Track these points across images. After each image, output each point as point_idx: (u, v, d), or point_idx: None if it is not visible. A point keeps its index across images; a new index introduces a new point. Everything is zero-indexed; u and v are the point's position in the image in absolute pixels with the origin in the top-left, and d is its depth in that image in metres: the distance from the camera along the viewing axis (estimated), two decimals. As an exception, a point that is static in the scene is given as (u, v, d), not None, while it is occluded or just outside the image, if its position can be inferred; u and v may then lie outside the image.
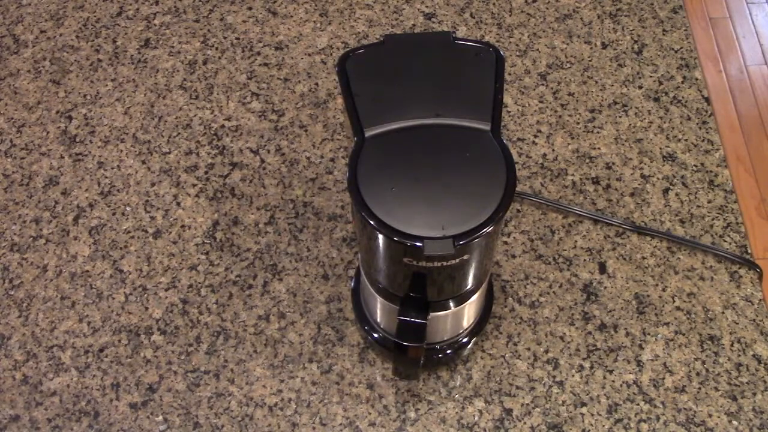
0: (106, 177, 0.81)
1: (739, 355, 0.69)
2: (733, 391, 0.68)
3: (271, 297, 0.73)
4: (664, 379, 0.68)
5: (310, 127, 0.84)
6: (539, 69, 0.88)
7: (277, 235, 0.77)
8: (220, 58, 0.90)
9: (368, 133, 0.52)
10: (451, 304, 0.62)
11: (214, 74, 0.89)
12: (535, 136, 0.83)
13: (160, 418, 0.67)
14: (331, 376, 0.69)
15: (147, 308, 0.73)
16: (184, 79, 0.88)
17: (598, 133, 0.83)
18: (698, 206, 0.78)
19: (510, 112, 0.85)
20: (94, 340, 0.71)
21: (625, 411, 0.67)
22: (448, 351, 0.68)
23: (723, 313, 0.72)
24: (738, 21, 2.20)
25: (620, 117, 0.84)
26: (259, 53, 0.91)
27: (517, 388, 0.68)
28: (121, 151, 0.83)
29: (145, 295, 0.74)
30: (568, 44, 0.90)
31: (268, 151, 0.82)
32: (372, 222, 0.50)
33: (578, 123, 0.84)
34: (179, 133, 0.84)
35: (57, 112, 0.87)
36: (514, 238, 0.76)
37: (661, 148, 0.82)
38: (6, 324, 0.72)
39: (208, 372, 0.69)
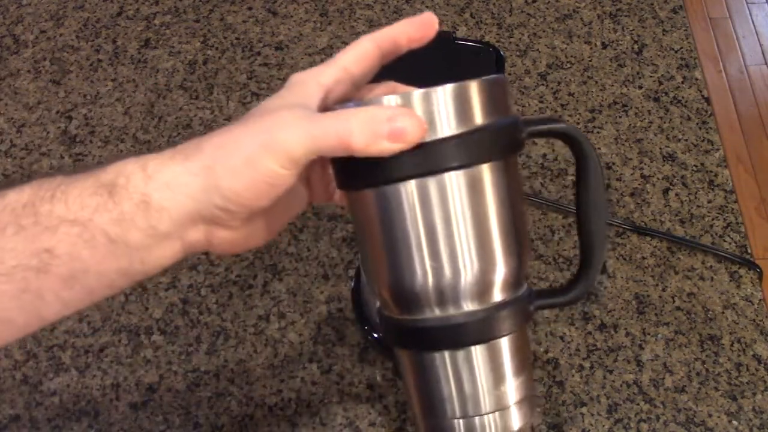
0: (106, 177, 0.81)
1: (739, 355, 0.69)
2: (733, 391, 0.68)
3: (271, 297, 0.73)
4: (664, 379, 0.68)
5: (310, 127, 0.84)
6: (539, 69, 0.88)
7: (277, 235, 0.77)
8: (220, 58, 0.90)
9: (368, 133, 0.52)
10: (452, 304, 0.62)
11: (214, 74, 0.89)
12: (535, 136, 0.83)
13: (160, 418, 0.67)
14: (331, 376, 0.69)
15: (147, 308, 0.73)
16: (184, 79, 0.88)
17: (598, 133, 0.83)
18: (698, 206, 0.78)
19: (510, 112, 0.84)
20: (94, 340, 0.71)
21: (625, 411, 0.67)
22: (448, 351, 0.68)
23: (723, 313, 0.72)
24: (738, 21, 2.20)
25: (620, 117, 0.84)
26: (259, 53, 0.91)
27: (517, 388, 0.68)
28: (121, 151, 0.83)
29: (145, 295, 0.74)
30: (568, 44, 0.90)
31: (268, 151, 0.82)
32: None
33: (578, 123, 0.84)
34: (179, 133, 0.84)
35: (57, 112, 0.87)
36: (514, 238, 0.76)
37: (661, 148, 0.82)
38: (6, 324, 0.72)
39: (208, 372, 0.69)
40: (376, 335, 0.68)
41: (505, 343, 0.40)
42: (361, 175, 0.38)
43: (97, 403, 0.68)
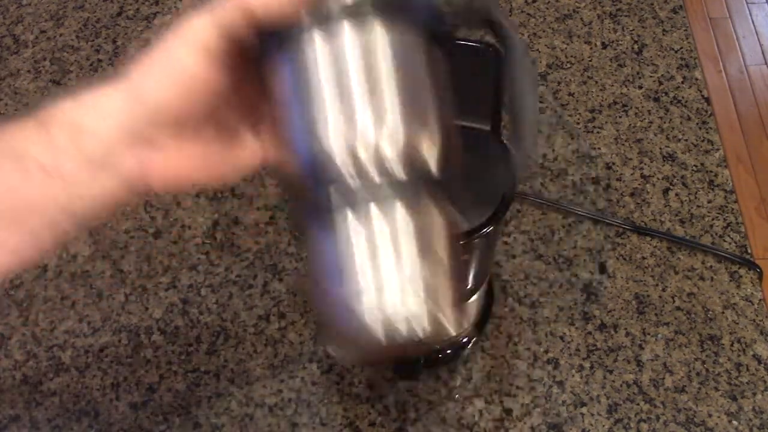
0: (106, 177, 0.81)
1: (739, 355, 0.69)
2: (733, 391, 0.68)
3: (271, 297, 0.73)
4: (664, 379, 0.68)
5: (310, 127, 0.84)
6: (539, 69, 0.88)
7: (277, 235, 0.77)
8: (220, 58, 0.90)
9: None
10: (451, 304, 0.62)
11: (214, 74, 0.89)
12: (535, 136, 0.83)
13: (160, 418, 0.67)
14: (331, 376, 0.69)
15: (147, 308, 0.73)
16: (184, 79, 0.88)
17: (598, 133, 0.83)
18: (698, 206, 0.78)
19: (510, 112, 0.84)
20: (94, 340, 0.71)
21: (625, 411, 0.67)
22: (448, 351, 0.68)
23: (723, 313, 0.72)
24: (738, 21, 2.20)
25: (620, 117, 0.84)
26: (259, 53, 0.90)
27: (517, 388, 0.68)
28: (121, 151, 0.83)
29: (145, 295, 0.74)
30: (568, 44, 0.90)
31: (268, 151, 0.82)
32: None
33: (578, 123, 0.84)
34: (179, 133, 0.84)
35: (57, 112, 0.87)
36: (514, 238, 0.76)
37: (661, 148, 0.82)
38: (6, 324, 0.72)
39: (208, 372, 0.69)
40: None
41: (418, 222, 0.36)
42: (271, 44, 0.37)
43: (97, 403, 0.68)
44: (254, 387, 0.69)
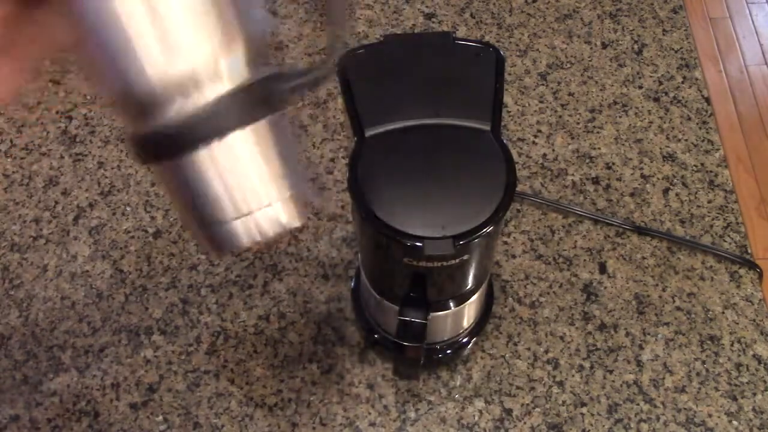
0: (106, 177, 0.81)
1: (739, 355, 0.69)
2: (733, 391, 0.68)
3: (271, 297, 0.73)
4: (664, 379, 0.68)
5: (310, 127, 0.84)
6: (539, 69, 0.88)
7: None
8: (220, 58, 0.90)
9: (368, 133, 0.52)
10: (451, 304, 0.62)
11: (214, 74, 0.89)
12: (535, 136, 0.83)
13: (160, 418, 0.67)
14: (331, 376, 0.69)
15: (147, 308, 0.73)
16: (184, 79, 0.88)
17: (598, 133, 0.83)
18: (698, 206, 0.78)
19: (510, 112, 0.85)
20: (94, 340, 0.71)
21: (625, 411, 0.67)
22: (448, 351, 0.68)
23: (723, 313, 0.72)
24: (738, 21, 2.20)
25: (620, 117, 0.84)
26: (259, 53, 0.90)
27: (517, 388, 0.68)
28: (121, 151, 0.83)
29: (145, 295, 0.74)
30: (568, 44, 0.90)
31: (268, 151, 0.82)
32: (372, 222, 0.50)
33: (578, 123, 0.84)
34: (179, 133, 0.84)
35: (57, 112, 0.87)
36: (514, 238, 0.76)
37: (661, 148, 0.82)
38: (6, 324, 0.72)
39: (208, 372, 0.69)
40: (376, 335, 0.68)
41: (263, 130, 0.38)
42: None
43: (97, 403, 0.68)
44: (254, 387, 0.69)
